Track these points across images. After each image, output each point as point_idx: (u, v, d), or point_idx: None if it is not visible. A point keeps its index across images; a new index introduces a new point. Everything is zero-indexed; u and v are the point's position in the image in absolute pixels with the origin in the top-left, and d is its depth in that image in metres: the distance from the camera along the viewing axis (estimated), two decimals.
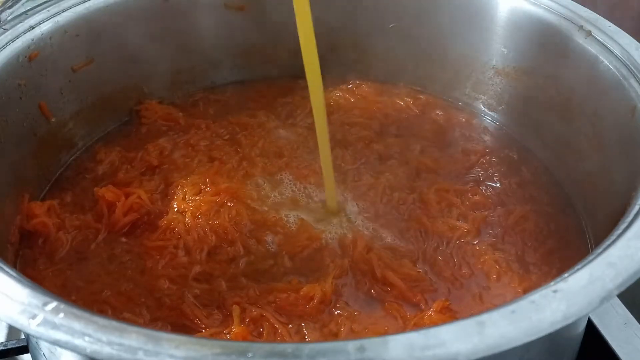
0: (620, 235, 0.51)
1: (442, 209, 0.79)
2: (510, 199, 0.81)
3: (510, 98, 0.93)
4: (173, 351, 0.40)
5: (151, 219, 0.77)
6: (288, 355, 0.40)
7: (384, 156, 0.88)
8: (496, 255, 0.72)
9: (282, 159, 0.87)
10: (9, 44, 0.76)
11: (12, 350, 0.73)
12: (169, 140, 0.90)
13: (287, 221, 0.77)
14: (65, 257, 0.73)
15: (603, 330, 0.71)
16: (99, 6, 0.87)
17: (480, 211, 0.79)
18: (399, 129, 0.93)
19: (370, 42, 1.01)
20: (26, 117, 0.79)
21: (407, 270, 0.70)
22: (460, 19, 0.93)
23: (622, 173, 0.69)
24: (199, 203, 0.77)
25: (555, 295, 0.44)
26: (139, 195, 0.77)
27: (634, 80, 0.70)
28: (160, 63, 0.98)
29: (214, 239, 0.74)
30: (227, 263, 0.72)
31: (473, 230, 0.76)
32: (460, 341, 0.41)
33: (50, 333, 0.42)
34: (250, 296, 0.67)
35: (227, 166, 0.85)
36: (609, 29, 0.77)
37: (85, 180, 0.84)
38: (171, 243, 0.73)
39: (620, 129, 0.71)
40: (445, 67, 0.98)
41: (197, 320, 0.65)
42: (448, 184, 0.83)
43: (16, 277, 0.48)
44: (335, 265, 0.71)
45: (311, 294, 0.66)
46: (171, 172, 0.84)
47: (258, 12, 1.00)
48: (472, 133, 0.93)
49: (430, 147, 0.90)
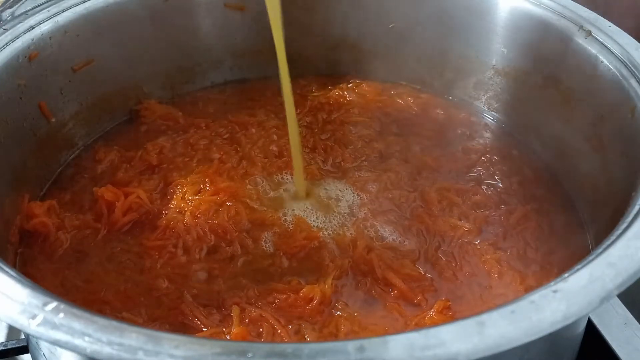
0: (620, 235, 0.51)
1: (443, 207, 0.79)
2: (512, 198, 0.81)
3: (511, 98, 0.93)
4: (173, 351, 0.40)
5: (150, 218, 0.77)
6: (288, 356, 0.40)
7: (385, 155, 0.88)
8: (497, 255, 0.72)
9: (281, 158, 0.87)
10: (9, 44, 0.76)
11: (12, 350, 0.73)
12: (168, 140, 0.90)
13: (286, 220, 0.77)
14: (65, 256, 0.73)
15: (603, 330, 0.71)
16: (99, 6, 0.87)
17: (482, 210, 0.79)
18: (400, 128, 0.94)
19: (371, 42, 1.01)
20: (26, 117, 0.79)
21: (408, 270, 0.70)
22: (461, 18, 0.93)
23: (622, 173, 0.69)
24: (198, 202, 0.77)
25: (555, 295, 0.44)
26: (138, 194, 0.77)
27: (634, 80, 0.70)
28: (160, 63, 0.98)
29: (213, 238, 0.74)
30: (227, 263, 0.72)
31: (474, 230, 0.76)
32: (460, 341, 0.41)
33: (50, 333, 0.42)
34: (249, 296, 0.67)
35: (227, 165, 0.85)
36: (609, 29, 0.77)
37: (85, 179, 0.84)
38: (170, 242, 0.73)
39: (620, 129, 0.71)
40: (446, 67, 0.98)
41: (196, 320, 0.65)
42: (449, 182, 0.83)
43: (16, 277, 0.48)
44: (335, 265, 0.71)
45: (311, 295, 0.66)
46: (170, 172, 0.84)
47: (258, 12, 1.00)
48: (472, 132, 0.93)
49: (430, 145, 0.90)
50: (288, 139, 0.89)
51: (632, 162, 0.67)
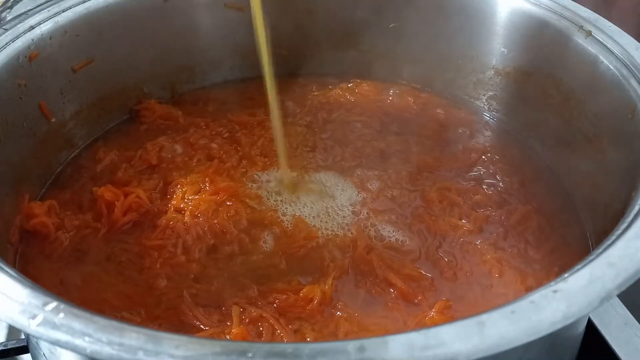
0: (620, 235, 0.51)
1: (444, 207, 0.79)
2: (512, 197, 0.81)
3: (511, 98, 0.93)
4: (173, 351, 0.40)
5: (150, 218, 0.77)
6: (288, 355, 0.40)
7: (385, 154, 0.88)
8: (498, 254, 0.72)
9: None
10: (9, 44, 0.76)
11: (12, 350, 0.73)
12: (168, 139, 0.90)
13: (285, 220, 0.77)
14: (64, 256, 0.73)
15: (603, 330, 0.71)
16: (99, 6, 0.87)
17: (482, 210, 0.79)
18: (400, 127, 0.93)
19: (371, 42, 1.01)
20: (26, 117, 0.79)
21: (408, 270, 0.70)
22: (461, 18, 0.93)
23: (622, 173, 0.68)
24: (198, 202, 0.77)
25: (555, 295, 0.44)
26: (137, 194, 0.77)
27: (634, 80, 0.70)
28: (160, 63, 0.98)
29: (212, 238, 0.74)
30: (226, 262, 0.72)
31: (475, 229, 0.76)
32: (460, 341, 0.41)
33: (50, 333, 0.42)
34: (249, 296, 0.67)
35: (227, 165, 0.85)
36: (609, 29, 0.77)
37: (84, 179, 0.84)
38: (170, 242, 0.73)
39: (620, 129, 0.71)
40: (446, 67, 0.98)
41: (195, 320, 0.65)
42: (449, 182, 0.83)
43: (16, 277, 0.48)
44: (335, 265, 0.71)
45: (311, 295, 0.66)
46: (170, 171, 0.84)
47: None
48: (473, 131, 0.93)
49: (431, 145, 0.90)
50: (288, 137, 0.89)
51: (632, 162, 0.67)
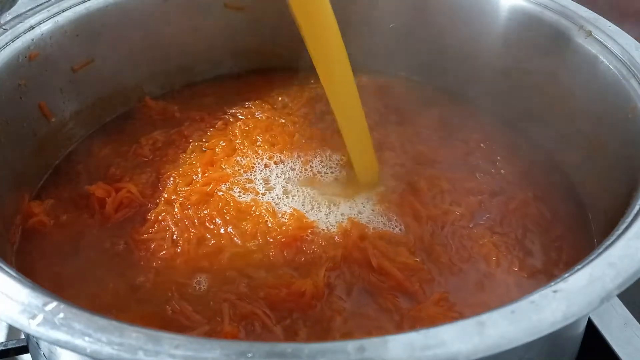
0: (620, 235, 0.51)
1: (439, 194, 0.79)
2: (510, 185, 0.81)
3: (510, 97, 0.93)
4: (173, 351, 0.40)
5: (142, 211, 0.77)
6: (288, 355, 0.40)
7: (383, 145, 0.87)
8: (494, 239, 0.72)
9: (276, 146, 0.86)
10: (9, 44, 0.76)
11: (12, 350, 0.73)
12: (162, 133, 0.90)
13: (277, 211, 0.76)
14: (60, 253, 0.73)
15: (603, 330, 0.71)
16: (99, 6, 0.87)
17: (478, 197, 0.78)
18: (398, 119, 0.93)
19: (371, 42, 1.01)
20: (26, 117, 0.79)
21: (403, 259, 0.69)
22: (461, 18, 0.93)
23: (622, 173, 0.69)
24: (189, 193, 0.77)
25: (555, 295, 0.45)
26: (128, 189, 0.77)
27: (634, 80, 0.70)
28: (160, 63, 0.98)
29: (202, 230, 0.73)
30: (215, 255, 0.71)
31: (467, 214, 0.75)
32: (460, 341, 0.41)
33: (50, 333, 0.42)
34: (240, 292, 0.65)
35: (220, 156, 0.84)
36: (609, 29, 0.77)
37: (80, 175, 0.84)
38: (159, 235, 0.73)
39: (620, 129, 0.71)
40: (446, 67, 0.98)
41: (184, 316, 0.64)
42: (449, 172, 0.82)
43: (16, 277, 0.48)
44: (327, 256, 0.69)
45: (303, 289, 0.64)
46: (164, 164, 0.84)
47: (258, 12, 1.00)
48: (471, 128, 0.92)
49: (429, 137, 0.89)
50: (283, 129, 0.89)
51: (632, 162, 0.67)
